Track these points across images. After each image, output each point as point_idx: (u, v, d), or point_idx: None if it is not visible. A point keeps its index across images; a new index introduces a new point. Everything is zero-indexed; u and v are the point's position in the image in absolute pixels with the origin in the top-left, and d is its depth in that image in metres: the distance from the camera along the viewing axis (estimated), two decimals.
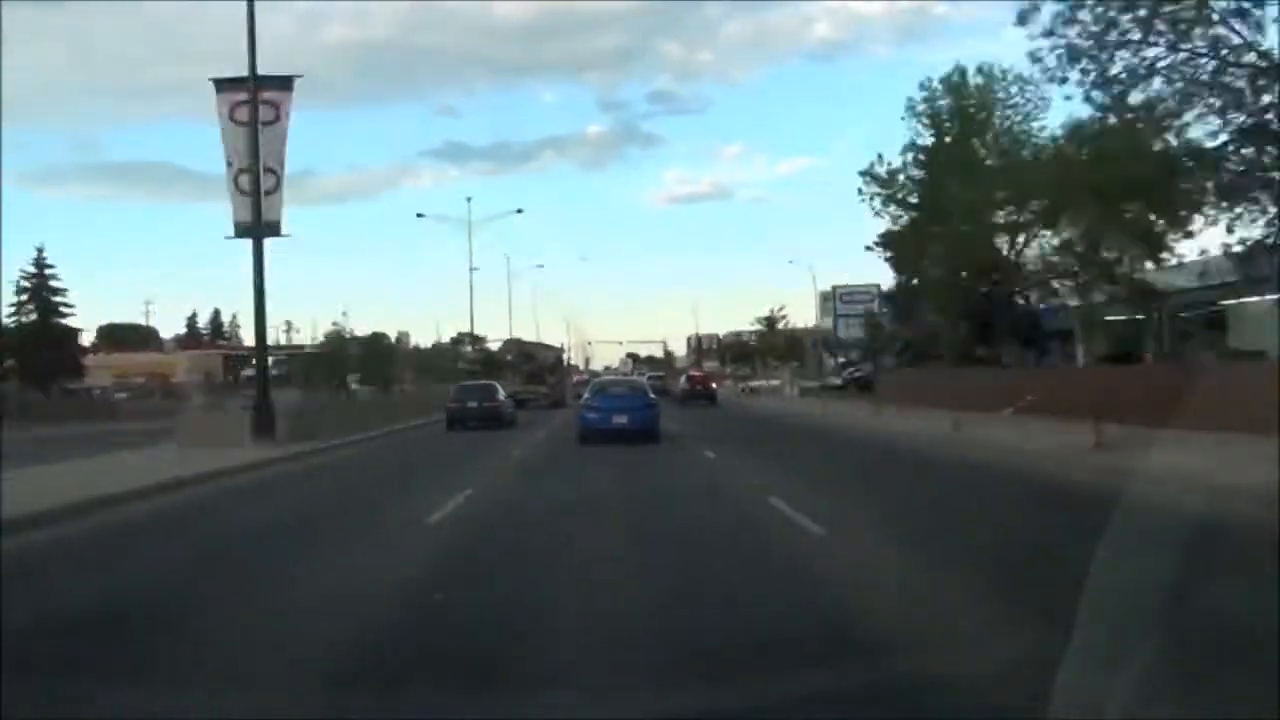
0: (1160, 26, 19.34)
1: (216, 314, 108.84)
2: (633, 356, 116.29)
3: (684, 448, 20.29)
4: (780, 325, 79.52)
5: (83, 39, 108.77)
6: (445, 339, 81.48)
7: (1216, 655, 4.44)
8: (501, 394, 32.04)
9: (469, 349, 67.58)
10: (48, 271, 57.21)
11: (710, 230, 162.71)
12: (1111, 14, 19.83)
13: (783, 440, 23.14)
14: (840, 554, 8.27)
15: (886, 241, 38.18)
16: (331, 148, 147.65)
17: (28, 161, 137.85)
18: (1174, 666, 3.95)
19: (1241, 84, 19.10)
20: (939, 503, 11.66)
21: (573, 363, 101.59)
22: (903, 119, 35.15)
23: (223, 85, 23.62)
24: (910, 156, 35.22)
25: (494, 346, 73.69)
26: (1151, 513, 8.12)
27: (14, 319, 55.99)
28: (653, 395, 24.38)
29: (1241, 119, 19.32)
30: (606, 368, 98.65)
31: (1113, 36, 19.89)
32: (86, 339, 66.44)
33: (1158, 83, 19.84)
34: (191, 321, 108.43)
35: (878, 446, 20.56)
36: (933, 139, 34.83)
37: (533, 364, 58.99)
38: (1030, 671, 4.03)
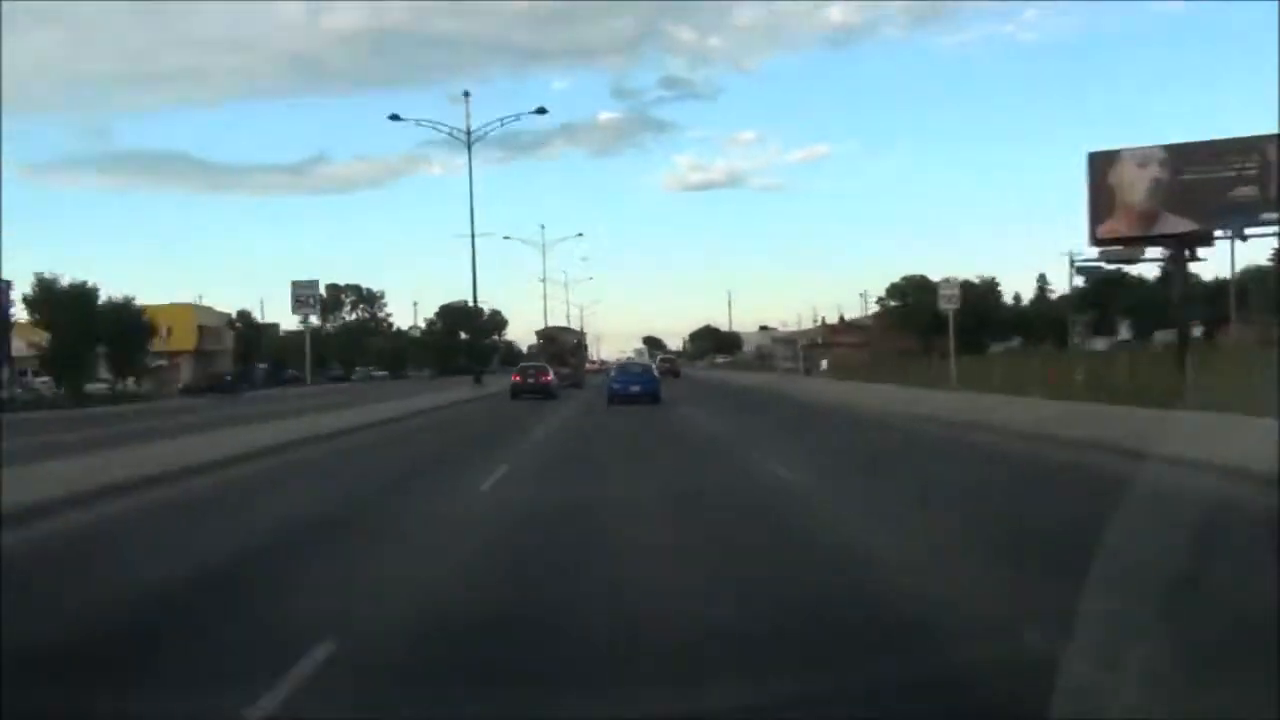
0: None
1: None
2: (649, 341, 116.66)
3: None
4: None
5: (90, 26, 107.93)
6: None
7: None
8: (551, 374, 41.60)
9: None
10: None
11: (723, 218, 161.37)
12: None
13: None
14: None
15: None
16: (341, 134, 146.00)
17: (37, 151, 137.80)
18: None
19: None
20: None
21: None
22: None
23: None
24: None
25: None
26: None
27: None
28: (656, 373, 38.44)
29: None
30: (621, 353, 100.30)
31: None
32: None
33: None
34: None
35: None
36: None
37: (555, 346, 59.74)
38: None
